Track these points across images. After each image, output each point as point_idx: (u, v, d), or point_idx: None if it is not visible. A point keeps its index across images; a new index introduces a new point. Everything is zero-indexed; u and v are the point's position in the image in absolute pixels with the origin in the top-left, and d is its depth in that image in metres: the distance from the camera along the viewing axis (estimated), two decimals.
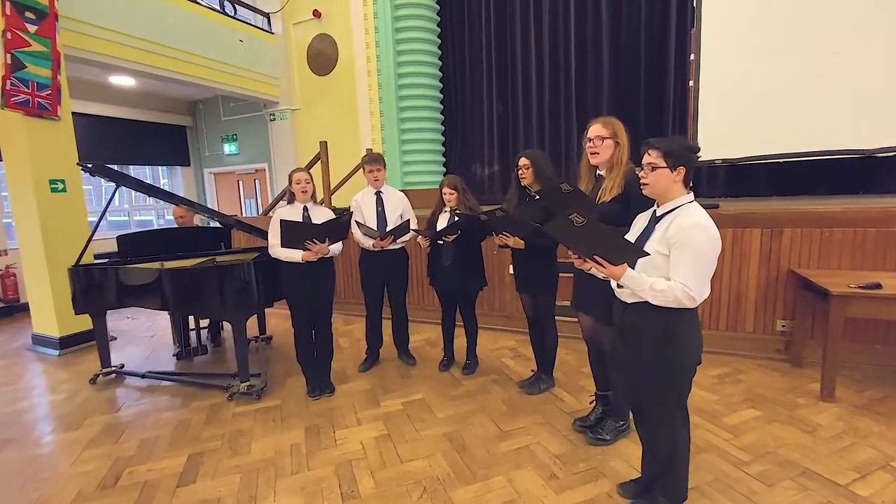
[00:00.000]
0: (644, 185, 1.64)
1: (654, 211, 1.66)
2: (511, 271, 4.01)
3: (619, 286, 1.70)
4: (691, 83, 4.28)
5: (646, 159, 1.62)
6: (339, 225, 2.66)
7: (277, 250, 2.74)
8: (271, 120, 6.93)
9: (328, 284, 2.90)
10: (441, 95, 6.35)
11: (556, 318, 2.82)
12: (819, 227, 3.09)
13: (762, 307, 3.27)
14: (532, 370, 3.04)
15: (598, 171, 2.22)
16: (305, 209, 2.85)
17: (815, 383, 2.86)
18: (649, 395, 1.68)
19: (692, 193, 1.61)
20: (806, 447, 2.21)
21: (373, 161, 3.16)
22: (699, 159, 1.62)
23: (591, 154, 2.15)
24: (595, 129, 2.13)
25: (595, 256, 1.56)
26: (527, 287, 2.80)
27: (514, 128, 6.03)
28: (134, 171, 8.08)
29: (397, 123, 6.08)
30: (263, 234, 3.09)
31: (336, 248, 2.84)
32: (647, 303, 1.57)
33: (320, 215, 2.83)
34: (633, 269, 1.59)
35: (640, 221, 1.75)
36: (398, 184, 6.05)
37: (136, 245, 3.59)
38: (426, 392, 2.95)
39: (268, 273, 2.93)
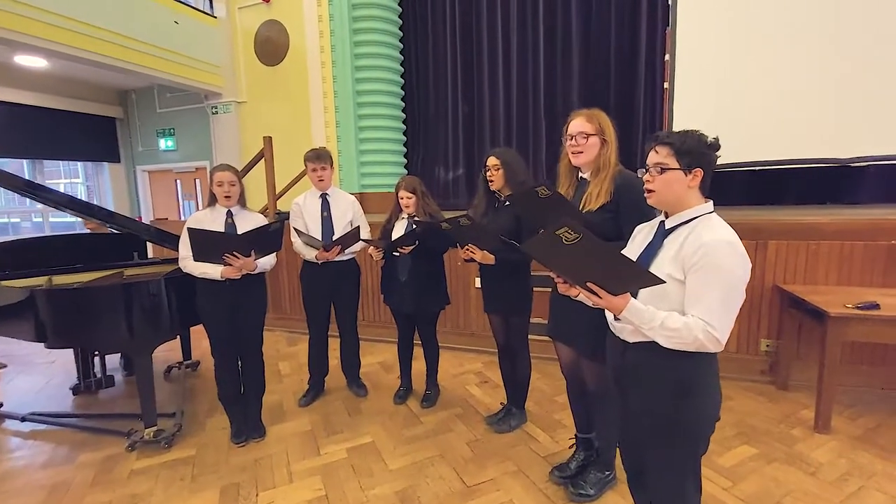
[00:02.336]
0: (649, 192, 1.27)
1: (662, 222, 1.30)
2: (479, 286, 3.63)
3: (615, 318, 1.32)
4: (666, 85, 4.06)
5: (652, 158, 1.25)
6: (268, 234, 2.16)
7: (190, 264, 2.21)
8: (213, 113, 6.25)
9: (256, 306, 2.39)
10: (402, 92, 5.91)
11: (529, 336, 2.43)
12: (805, 240, 2.88)
13: (745, 325, 3.03)
14: (501, 402, 2.64)
15: (580, 174, 1.85)
16: (230, 214, 2.33)
17: (805, 410, 2.63)
18: (657, 462, 1.30)
19: (711, 202, 1.26)
20: (813, 495, 1.92)
21: (317, 158, 2.68)
22: (719, 159, 1.27)
23: (574, 153, 1.78)
24: (578, 124, 1.76)
25: (588, 283, 1.17)
26: (496, 307, 2.41)
27: (479, 129, 5.66)
28: (52, 166, 7.16)
29: (354, 120, 5.58)
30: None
31: (266, 261, 2.34)
32: (655, 343, 1.20)
33: (248, 222, 2.32)
34: (636, 297, 1.22)
35: (642, 235, 1.38)
36: (355, 186, 5.54)
37: (19, 255, 2.91)
38: (377, 433, 2.49)
39: (185, 291, 2.39)
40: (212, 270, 2.19)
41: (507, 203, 2.18)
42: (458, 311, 3.70)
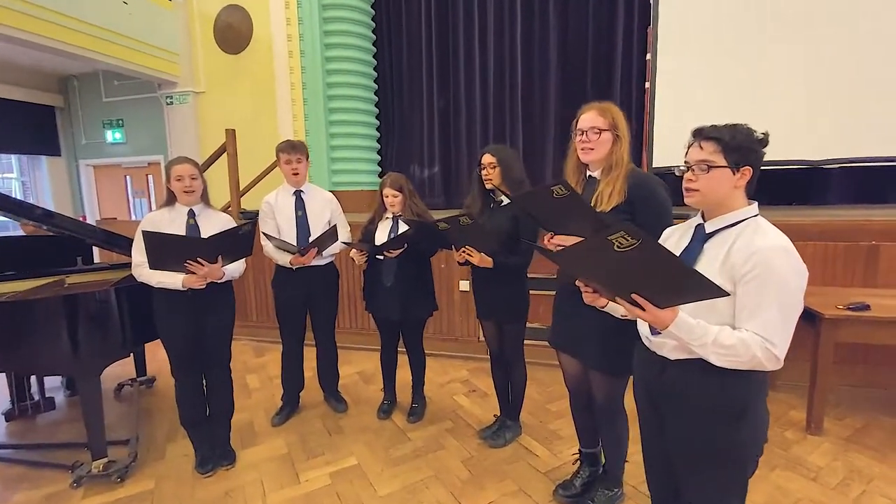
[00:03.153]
0: (691, 191, 1.14)
1: (701, 226, 1.17)
2: (463, 288, 3.47)
3: (652, 331, 1.19)
4: (647, 84, 4.03)
5: (696, 154, 1.13)
6: (238, 238, 1.91)
7: (145, 272, 1.92)
8: (168, 103, 5.78)
9: (223, 318, 2.13)
10: (375, 86, 5.66)
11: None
12: (792, 241, 2.89)
13: None
14: (494, 414, 2.49)
15: (588, 172, 1.71)
16: (192, 215, 2.05)
17: (794, 410, 2.63)
18: (700, 488, 1.18)
19: (756, 204, 1.15)
20: (819, 502, 1.88)
21: (291, 149, 2.43)
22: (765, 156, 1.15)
23: (584, 150, 1.64)
24: (589, 118, 1.62)
25: (634, 295, 1.02)
26: (491, 314, 2.25)
27: (456, 125, 5.50)
28: None
29: (324, 114, 5.29)
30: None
31: (235, 268, 2.08)
32: (701, 361, 1.08)
33: (213, 223, 2.05)
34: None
35: (674, 239, 1.26)
36: (325, 184, 5.25)
37: None
38: (362, 453, 2.27)
39: (139, 301, 2.10)
40: (171, 279, 1.91)
41: (508, 202, 2.02)
42: (441, 316, 3.51)
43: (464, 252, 2.02)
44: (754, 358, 1.01)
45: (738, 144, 1.07)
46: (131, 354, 2.98)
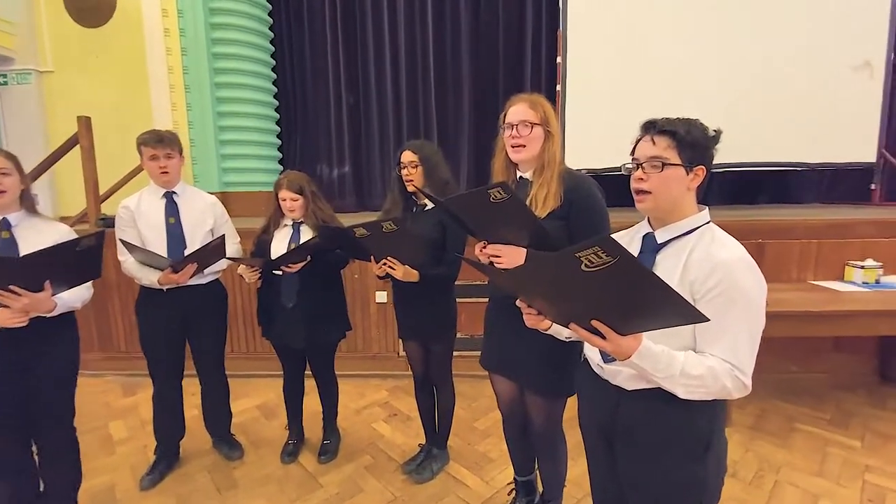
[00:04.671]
0: (643, 194, 0.99)
1: (650, 234, 1.03)
2: (380, 300, 3.15)
3: (604, 358, 1.02)
4: (558, 87, 4.07)
5: (647, 150, 0.98)
6: (75, 256, 1.41)
7: None
8: (2, 83, 4.65)
9: (59, 362, 1.59)
10: (274, 75, 5.09)
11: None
12: None
13: None
14: (419, 444, 2.23)
15: (519, 173, 1.53)
16: (6, 226, 1.51)
17: None
18: None
19: (707, 209, 1.03)
20: (742, 501, 1.91)
21: (157, 142, 1.93)
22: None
23: (515, 147, 1.46)
24: (520, 111, 1.44)
25: (596, 322, 0.83)
26: (415, 334, 1.99)
27: (367, 120, 5.13)
28: None
29: (212, 104, 4.60)
30: None
31: (76, 296, 1.56)
32: (660, 391, 0.93)
33: (42, 238, 1.52)
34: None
35: None
36: (214, 184, 4.58)
37: None
38: None
39: None
40: None
41: (432, 206, 1.78)
42: (355, 331, 3.14)
43: (385, 264, 1.73)
44: (724, 388, 0.88)
45: (693, 140, 0.95)
46: None
